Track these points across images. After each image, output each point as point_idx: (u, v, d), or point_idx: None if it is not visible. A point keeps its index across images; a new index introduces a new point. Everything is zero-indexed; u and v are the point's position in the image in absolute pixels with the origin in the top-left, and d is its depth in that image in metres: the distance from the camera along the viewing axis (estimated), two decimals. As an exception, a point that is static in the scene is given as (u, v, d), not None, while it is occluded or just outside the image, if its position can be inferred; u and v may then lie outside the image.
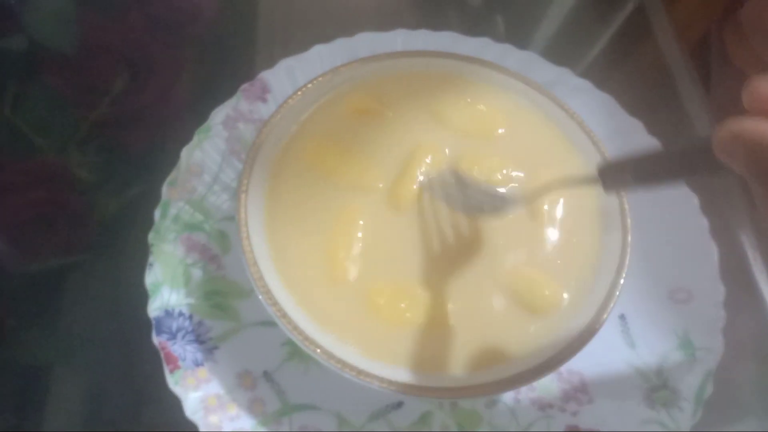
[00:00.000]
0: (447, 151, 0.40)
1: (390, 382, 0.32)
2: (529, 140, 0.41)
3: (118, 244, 0.46)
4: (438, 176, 0.38)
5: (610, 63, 0.57)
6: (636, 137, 0.45)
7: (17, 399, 0.41)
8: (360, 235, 0.37)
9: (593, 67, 0.56)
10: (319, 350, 0.32)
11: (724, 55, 0.58)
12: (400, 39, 0.48)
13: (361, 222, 0.37)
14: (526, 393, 0.38)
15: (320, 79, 0.40)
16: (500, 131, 0.41)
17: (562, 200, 0.39)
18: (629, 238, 0.36)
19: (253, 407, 0.36)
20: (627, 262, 0.36)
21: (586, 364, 0.39)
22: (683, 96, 0.54)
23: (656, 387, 0.38)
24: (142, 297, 0.39)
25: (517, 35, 0.55)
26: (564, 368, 0.39)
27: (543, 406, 0.38)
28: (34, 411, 0.41)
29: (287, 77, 0.46)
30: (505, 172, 0.39)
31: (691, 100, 0.54)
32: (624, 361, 0.39)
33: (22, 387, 0.42)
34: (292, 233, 0.37)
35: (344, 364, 0.32)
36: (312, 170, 0.39)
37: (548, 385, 0.38)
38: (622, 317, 0.40)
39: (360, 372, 0.32)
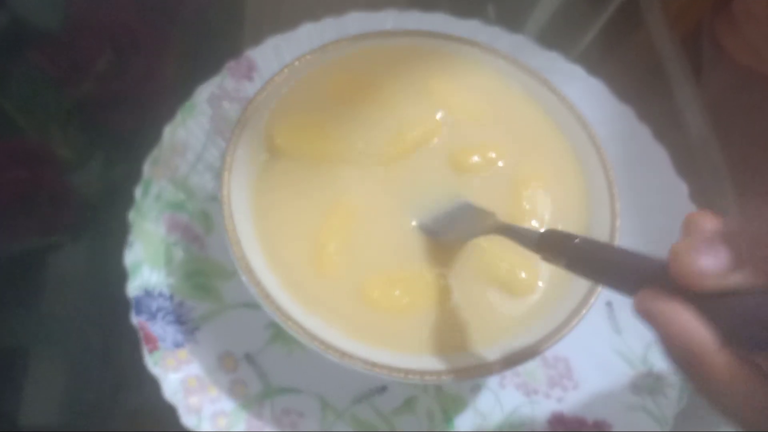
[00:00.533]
0: (441, 129, 0.39)
1: (374, 364, 0.31)
2: (517, 125, 0.40)
3: (100, 225, 0.45)
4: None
5: (601, 50, 0.57)
6: (626, 123, 0.45)
7: (-6, 380, 0.40)
8: (348, 217, 0.36)
9: (585, 54, 0.55)
10: (302, 331, 0.32)
11: (715, 45, 0.57)
12: (390, 19, 0.48)
13: (349, 203, 0.36)
14: (511, 378, 0.38)
15: (308, 56, 0.39)
16: (491, 114, 0.40)
17: (545, 189, 0.38)
18: (618, 223, 0.36)
19: (235, 389, 0.35)
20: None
21: (572, 350, 0.38)
22: (674, 84, 0.54)
23: (642, 373, 0.38)
24: (122, 277, 0.38)
25: (509, 19, 0.54)
26: (550, 354, 0.39)
27: (528, 392, 0.37)
28: (11, 392, 0.40)
29: (274, 55, 0.45)
30: (492, 155, 0.39)
31: (681, 88, 0.53)
32: (610, 348, 0.39)
33: (0, 368, 0.41)
34: (278, 214, 0.36)
35: (327, 345, 0.31)
36: (300, 148, 0.38)
37: (534, 371, 0.38)
38: (608, 304, 0.40)
39: (344, 354, 0.31)
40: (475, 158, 0.38)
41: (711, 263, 0.21)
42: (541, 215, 0.37)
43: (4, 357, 0.42)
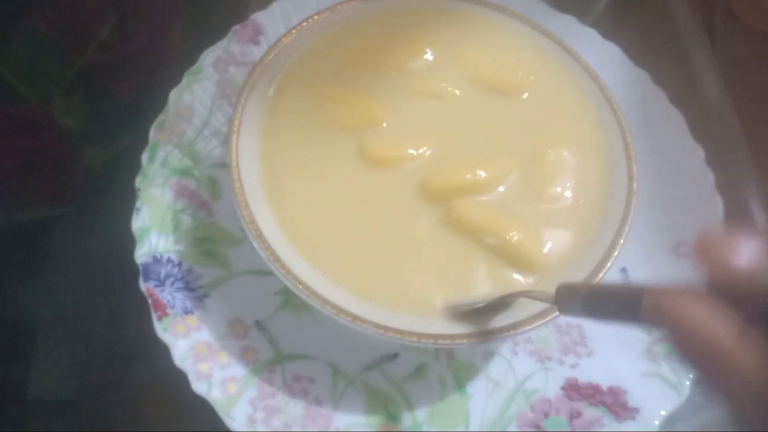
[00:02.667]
0: (457, 92, 0.38)
1: (386, 328, 0.30)
2: (536, 87, 0.39)
3: (106, 193, 0.45)
4: None
5: (617, 14, 0.55)
6: (642, 87, 0.44)
7: (3, 351, 0.40)
8: (360, 178, 0.35)
9: (600, 18, 0.54)
10: (313, 295, 0.31)
11: (728, 11, 0.56)
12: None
13: (361, 163, 0.35)
14: (524, 345, 0.37)
15: (316, 17, 0.38)
16: (520, 83, 0.39)
17: (568, 150, 0.37)
18: (635, 186, 0.35)
19: (245, 355, 0.35)
20: (633, 209, 0.34)
21: (585, 317, 0.38)
22: (690, 49, 0.53)
23: (657, 340, 0.37)
24: (130, 244, 0.37)
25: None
26: (563, 321, 0.38)
27: (541, 359, 0.37)
28: (21, 362, 0.40)
29: (282, 19, 0.44)
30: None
31: (697, 53, 0.52)
32: (625, 314, 0.38)
33: (9, 338, 0.41)
34: (288, 177, 0.35)
35: (339, 309, 0.31)
36: (311, 112, 0.37)
37: (547, 338, 0.38)
38: (623, 270, 0.39)
39: (356, 317, 0.31)
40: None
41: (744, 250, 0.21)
42: (563, 176, 0.36)
43: (13, 327, 0.41)
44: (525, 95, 0.38)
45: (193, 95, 0.41)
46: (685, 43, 0.53)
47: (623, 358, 0.37)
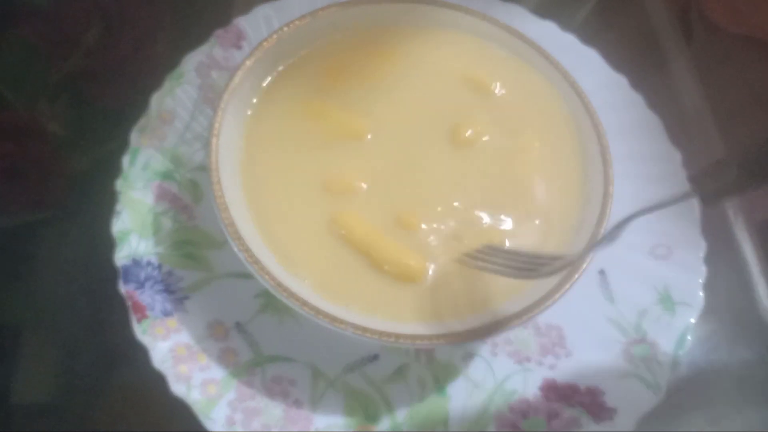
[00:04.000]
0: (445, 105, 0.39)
1: (364, 329, 0.31)
2: (515, 93, 0.40)
3: (90, 197, 0.45)
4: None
5: (597, 22, 0.56)
6: (620, 92, 0.45)
7: (-15, 356, 0.40)
8: (343, 184, 0.36)
9: (581, 25, 0.55)
10: (292, 297, 0.31)
11: (702, 15, 0.57)
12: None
13: (346, 171, 0.36)
14: (503, 346, 0.38)
15: (297, 22, 0.39)
16: (496, 90, 0.40)
17: (539, 151, 0.38)
18: (611, 189, 0.35)
19: (225, 357, 0.35)
20: (608, 213, 0.35)
21: (564, 318, 0.38)
22: (667, 54, 0.54)
23: (635, 341, 0.38)
24: (111, 247, 0.37)
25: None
26: (542, 322, 0.38)
27: (520, 359, 0.37)
28: (3, 365, 0.40)
29: (264, 24, 0.44)
30: (490, 125, 0.38)
31: (674, 58, 0.53)
32: (603, 316, 0.39)
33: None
34: (269, 183, 0.36)
35: (318, 310, 0.31)
36: (294, 120, 0.37)
37: (526, 339, 0.38)
38: (601, 272, 0.40)
39: (334, 319, 0.31)
40: (471, 131, 0.38)
41: None
42: (539, 180, 0.37)
43: (-4, 331, 0.41)
44: (500, 98, 0.39)
45: (175, 99, 0.41)
46: (663, 49, 0.54)
47: (601, 359, 0.37)
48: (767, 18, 0.54)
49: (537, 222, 0.36)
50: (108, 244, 0.38)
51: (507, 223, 0.36)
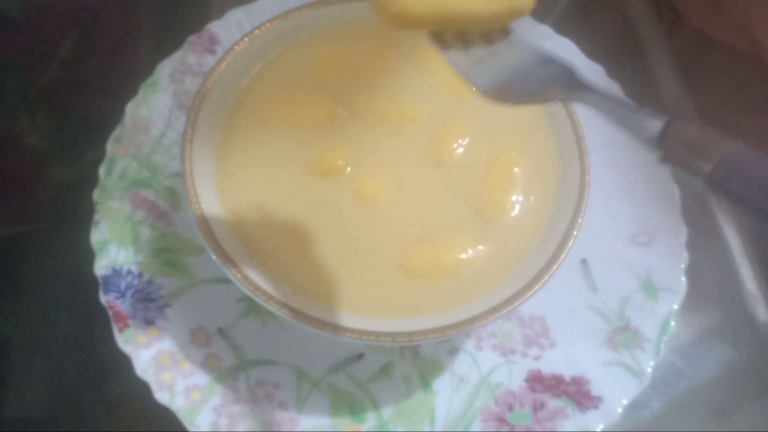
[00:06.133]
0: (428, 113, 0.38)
1: (344, 329, 0.31)
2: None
3: (70, 209, 0.45)
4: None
5: (574, 15, 0.56)
6: (596, 80, 0.44)
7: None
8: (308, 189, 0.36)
9: (556, 17, 0.55)
10: (271, 300, 0.31)
11: (673, 9, 0.57)
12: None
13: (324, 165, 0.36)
14: (488, 339, 0.38)
15: (268, 24, 0.38)
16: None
17: (517, 147, 0.37)
18: (588, 177, 0.35)
19: (208, 363, 0.35)
20: (585, 201, 0.35)
21: (548, 309, 0.38)
22: (645, 44, 0.54)
23: (618, 329, 0.38)
24: (91, 258, 0.37)
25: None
26: (526, 314, 0.38)
27: (505, 352, 0.37)
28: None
29: (237, 28, 0.44)
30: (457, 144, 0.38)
31: (652, 47, 0.53)
32: (586, 305, 0.39)
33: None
34: (243, 185, 0.35)
35: (297, 312, 0.31)
36: (268, 123, 0.37)
37: (510, 331, 0.38)
38: (583, 261, 0.40)
39: (314, 320, 0.31)
40: (453, 140, 0.37)
41: None
42: (516, 175, 0.36)
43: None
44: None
45: (150, 107, 0.41)
46: (639, 38, 0.54)
47: (585, 348, 0.37)
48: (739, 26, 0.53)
49: (512, 215, 0.35)
50: (87, 255, 0.37)
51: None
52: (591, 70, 0.45)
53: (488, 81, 0.27)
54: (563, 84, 0.27)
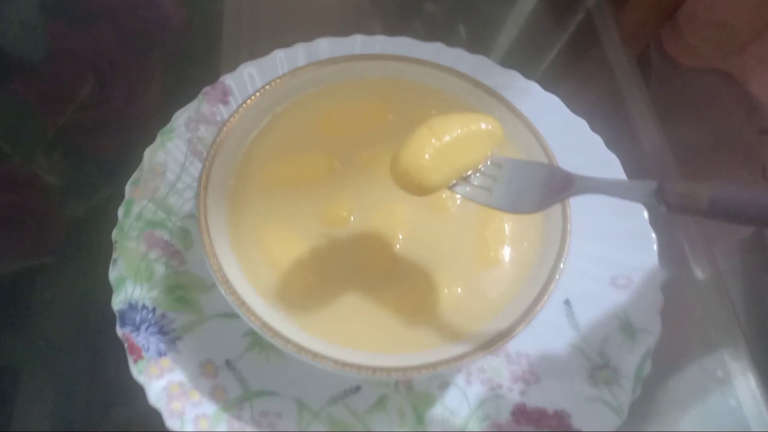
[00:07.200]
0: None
1: (344, 364, 0.33)
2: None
3: (85, 246, 0.47)
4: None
5: (559, 69, 0.60)
6: (580, 134, 0.48)
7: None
8: (317, 234, 0.39)
9: (542, 72, 0.59)
10: (277, 336, 0.34)
11: (662, 51, 0.61)
12: (358, 44, 0.51)
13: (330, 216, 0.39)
14: (477, 375, 0.40)
15: (278, 80, 0.42)
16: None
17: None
18: (569, 226, 0.39)
19: (215, 394, 0.37)
20: (567, 248, 0.38)
21: (533, 347, 0.41)
22: (627, 98, 0.57)
23: (598, 366, 0.40)
24: (107, 293, 0.40)
25: (471, 41, 0.58)
26: (512, 351, 0.41)
27: (493, 387, 0.40)
28: (3, 408, 0.41)
29: (248, 80, 0.48)
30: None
31: (634, 100, 0.57)
32: (568, 344, 0.41)
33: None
34: (252, 229, 0.39)
35: (301, 347, 0.34)
36: (278, 170, 0.41)
37: (498, 368, 0.40)
38: (567, 302, 0.43)
39: (316, 355, 0.34)
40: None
41: None
42: (502, 224, 0.40)
43: (-5, 376, 0.43)
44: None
45: (167, 153, 0.44)
46: (623, 91, 0.58)
47: (567, 384, 0.40)
48: (720, 49, 0.58)
49: (503, 261, 0.39)
50: (103, 288, 0.40)
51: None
52: (574, 124, 0.49)
53: (504, 202, 0.34)
54: (563, 182, 0.34)
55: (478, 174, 0.35)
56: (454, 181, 0.34)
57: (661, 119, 0.56)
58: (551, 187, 0.34)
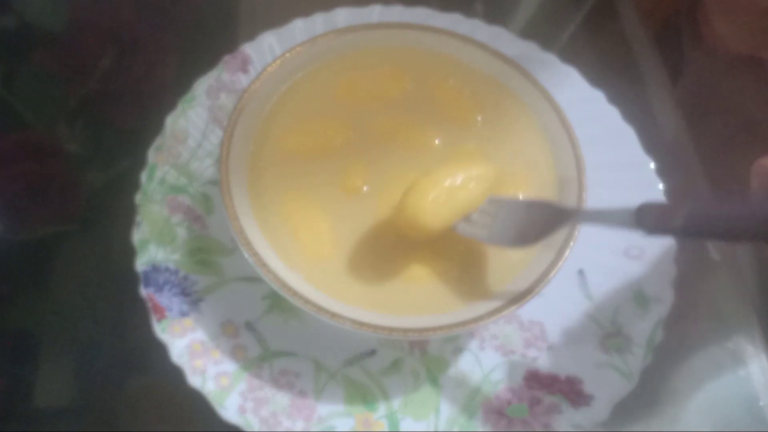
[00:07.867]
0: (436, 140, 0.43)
1: (361, 323, 0.34)
2: (503, 131, 0.43)
3: (106, 212, 0.48)
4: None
5: (577, 42, 0.60)
6: (597, 106, 0.48)
7: (12, 359, 0.43)
8: (335, 199, 0.40)
9: (561, 45, 0.59)
10: (296, 296, 0.35)
11: (695, 35, 0.61)
12: (376, 13, 0.51)
13: (340, 197, 0.40)
14: (490, 341, 0.41)
15: (298, 48, 0.42)
16: (478, 118, 0.44)
17: (519, 168, 0.41)
18: (585, 195, 0.39)
19: (236, 353, 0.39)
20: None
21: (546, 314, 0.42)
22: (644, 72, 0.57)
23: (610, 334, 0.41)
24: (130, 255, 0.41)
25: (489, 13, 0.57)
26: (525, 318, 0.42)
27: (506, 353, 0.41)
28: (28, 368, 0.43)
29: (268, 49, 0.48)
30: (470, 146, 0.42)
31: (653, 77, 0.57)
32: (582, 312, 0.42)
33: (17, 347, 0.44)
34: (275, 193, 0.40)
35: (320, 308, 0.35)
36: (296, 137, 0.42)
37: (510, 334, 0.41)
38: (580, 272, 0.43)
39: (334, 314, 0.34)
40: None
41: None
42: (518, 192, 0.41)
43: (21, 338, 0.45)
44: (479, 120, 0.43)
45: (188, 120, 0.45)
46: (642, 66, 0.58)
47: (579, 350, 0.40)
48: (760, 36, 0.57)
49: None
50: (123, 253, 0.41)
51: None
52: (592, 96, 0.49)
53: (504, 238, 0.37)
54: (556, 214, 0.36)
55: (477, 213, 0.37)
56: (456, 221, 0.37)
57: (688, 110, 0.56)
58: (545, 222, 0.36)
